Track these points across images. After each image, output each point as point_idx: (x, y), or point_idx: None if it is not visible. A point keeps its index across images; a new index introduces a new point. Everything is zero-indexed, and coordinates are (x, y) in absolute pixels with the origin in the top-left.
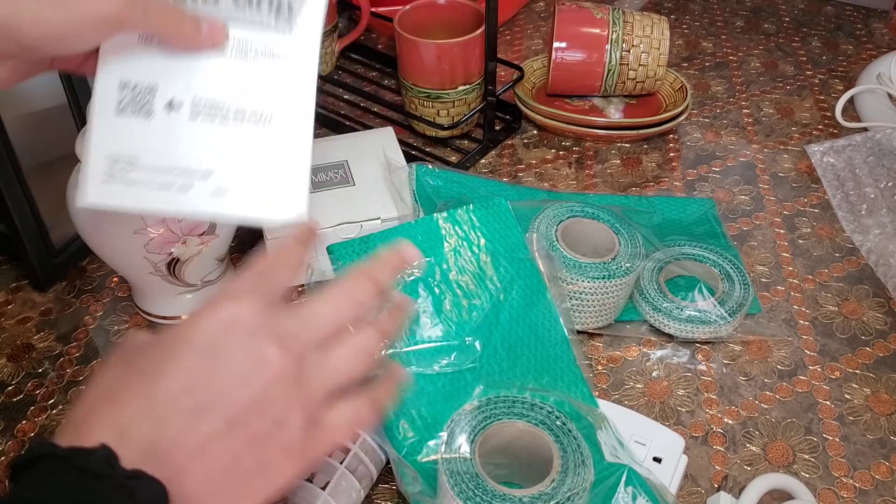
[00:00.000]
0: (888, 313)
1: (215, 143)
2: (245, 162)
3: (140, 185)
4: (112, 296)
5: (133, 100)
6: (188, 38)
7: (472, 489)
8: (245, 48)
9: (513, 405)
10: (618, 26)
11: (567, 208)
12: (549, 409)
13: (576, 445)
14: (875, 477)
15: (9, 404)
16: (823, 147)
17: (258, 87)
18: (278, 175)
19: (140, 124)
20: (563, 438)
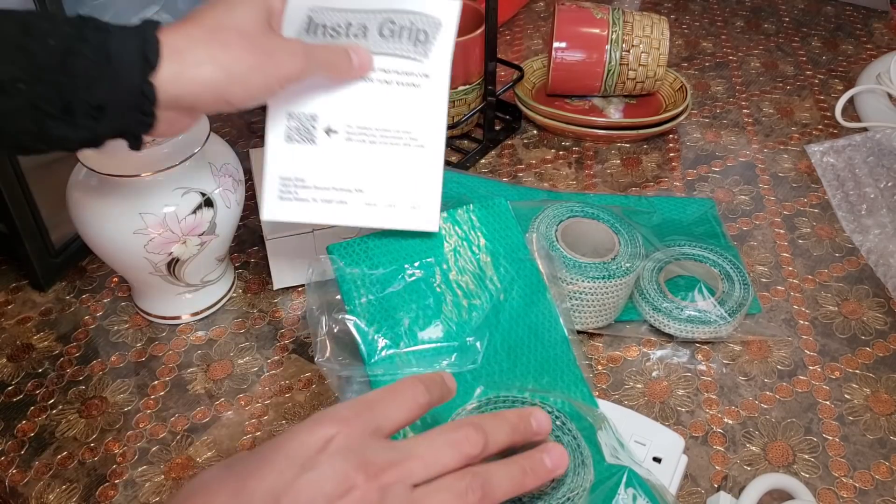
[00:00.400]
0: (888, 313)
1: (366, 162)
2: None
3: (307, 201)
4: (112, 296)
5: (298, 128)
6: (344, 71)
7: None
8: (388, 76)
9: (512, 405)
10: (618, 26)
11: (567, 208)
12: (549, 408)
13: (575, 445)
14: (875, 477)
15: (9, 404)
16: (823, 147)
17: (400, 111)
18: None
19: (305, 149)
20: (562, 438)
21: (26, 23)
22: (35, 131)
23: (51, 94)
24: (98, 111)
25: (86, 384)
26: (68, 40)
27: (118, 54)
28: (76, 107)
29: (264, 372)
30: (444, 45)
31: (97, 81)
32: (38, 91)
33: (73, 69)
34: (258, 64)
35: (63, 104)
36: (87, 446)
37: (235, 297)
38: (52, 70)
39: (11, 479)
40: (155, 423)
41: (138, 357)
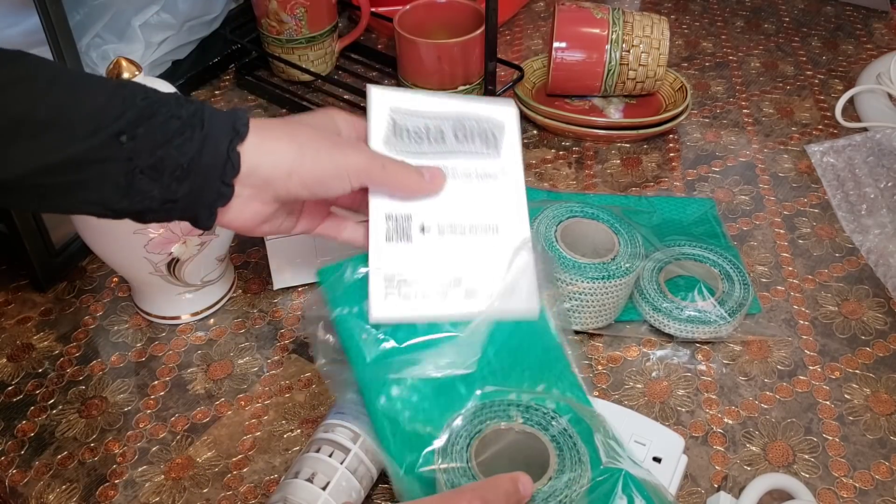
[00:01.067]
0: (888, 313)
1: (460, 254)
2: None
3: (411, 297)
4: (112, 296)
5: (396, 228)
6: (416, 189)
7: None
8: (468, 174)
9: (507, 408)
10: (618, 26)
11: (567, 208)
12: (545, 410)
13: (572, 444)
14: (875, 477)
15: (9, 404)
16: (823, 147)
17: (484, 204)
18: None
19: (403, 247)
20: (559, 439)
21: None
22: (123, 185)
23: (145, 149)
24: (184, 172)
25: (86, 384)
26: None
27: (211, 122)
28: (166, 164)
29: (264, 372)
30: (511, 142)
31: (189, 143)
32: (136, 145)
33: (170, 129)
34: (328, 148)
35: (154, 160)
36: (87, 446)
37: (235, 297)
38: (152, 128)
39: (11, 479)
40: (155, 423)
41: (138, 357)
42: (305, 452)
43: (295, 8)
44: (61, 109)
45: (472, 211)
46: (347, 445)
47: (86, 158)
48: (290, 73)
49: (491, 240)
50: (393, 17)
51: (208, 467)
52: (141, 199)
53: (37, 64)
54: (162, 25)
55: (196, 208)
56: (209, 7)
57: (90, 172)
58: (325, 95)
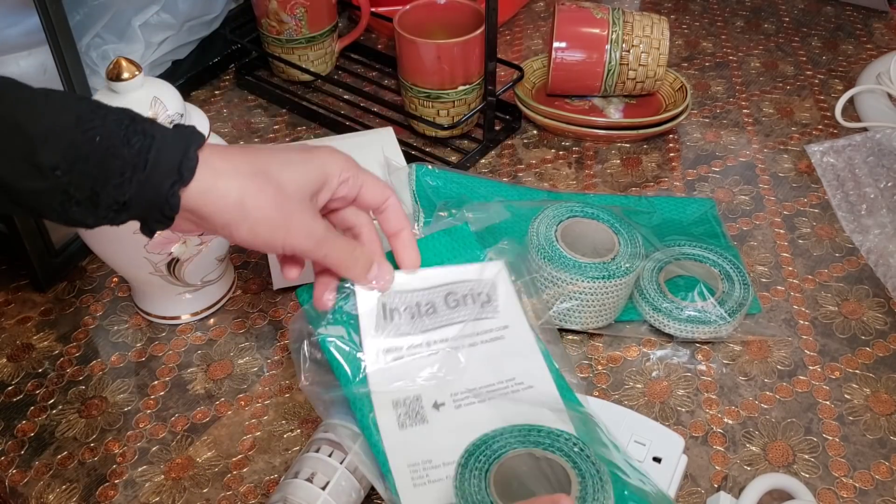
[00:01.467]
0: (888, 313)
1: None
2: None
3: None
4: (112, 296)
5: (408, 413)
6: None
7: None
8: (472, 339)
9: (528, 434)
10: (618, 26)
11: (567, 208)
12: (567, 436)
13: (595, 471)
14: (875, 477)
15: (9, 404)
16: (823, 147)
17: (496, 363)
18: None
19: (420, 430)
20: (581, 464)
21: (80, 115)
22: (58, 211)
23: (82, 184)
24: (122, 206)
25: (86, 384)
26: (113, 139)
27: (155, 164)
28: (102, 199)
29: (264, 372)
30: (507, 297)
31: (128, 183)
32: (72, 179)
33: (109, 168)
34: (274, 223)
35: (90, 194)
36: (87, 446)
37: (235, 297)
38: (90, 164)
39: (11, 479)
40: (155, 423)
41: (138, 357)
42: (305, 452)
43: (295, 8)
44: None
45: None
46: (347, 445)
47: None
48: (290, 73)
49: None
50: (393, 17)
51: (208, 467)
52: (77, 223)
53: None
54: (162, 25)
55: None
56: (209, 7)
57: (23, 195)
58: (325, 95)
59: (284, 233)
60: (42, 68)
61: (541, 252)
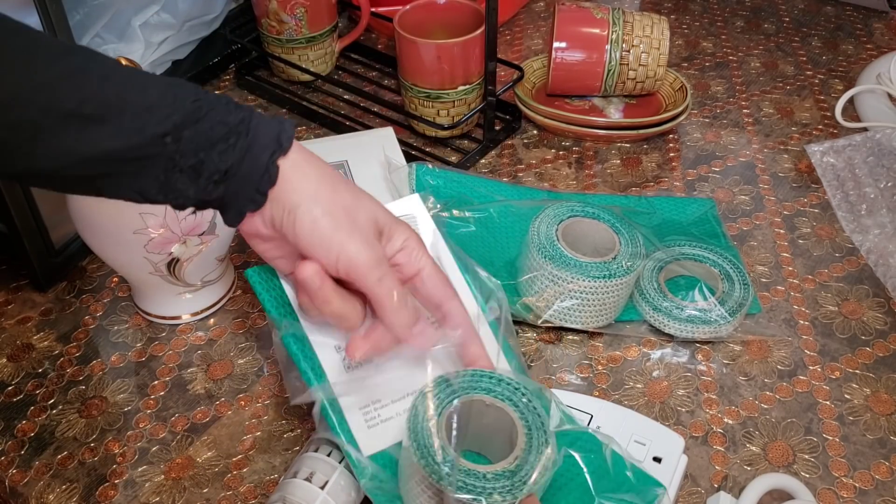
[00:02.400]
0: (888, 313)
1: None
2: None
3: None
4: (112, 296)
5: None
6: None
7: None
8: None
9: (479, 380)
10: (618, 26)
11: (567, 208)
12: (515, 385)
13: (539, 423)
14: (875, 477)
15: (9, 404)
16: (823, 147)
17: None
18: None
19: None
20: (528, 416)
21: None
22: (161, 181)
23: (189, 150)
24: (223, 176)
25: (86, 384)
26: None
27: (256, 131)
28: (206, 167)
29: (264, 372)
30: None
31: (231, 150)
32: (180, 147)
33: (215, 133)
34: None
35: (195, 162)
36: (87, 446)
37: (235, 297)
38: (198, 130)
39: (11, 479)
40: (155, 423)
41: (138, 357)
42: (304, 452)
43: (295, 8)
44: (110, 106)
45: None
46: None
47: (128, 155)
48: (290, 73)
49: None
50: (393, 17)
51: (208, 467)
52: (176, 195)
53: (91, 58)
54: (162, 25)
55: (227, 208)
56: (209, 7)
57: (130, 167)
58: (325, 95)
59: (346, 236)
60: None
61: (542, 251)
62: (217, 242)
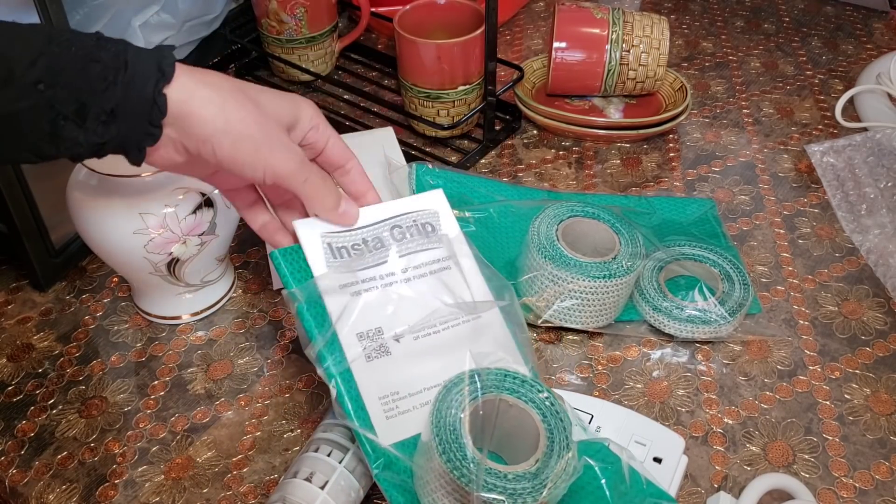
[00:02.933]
0: (888, 313)
1: (440, 352)
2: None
3: (409, 410)
4: (112, 296)
5: (372, 345)
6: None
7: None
8: (421, 270)
9: (504, 380)
10: (618, 26)
11: (568, 208)
12: (539, 387)
13: (562, 427)
14: (875, 477)
15: (9, 404)
16: (823, 147)
17: (445, 295)
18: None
19: (385, 363)
20: (550, 420)
21: (50, 33)
22: (48, 132)
23: (67, 96)
24: (110, 116)
25: (86, 384)
26: (89, 48)
27: (135, 64)
28: (90, 110)
29: (264, 372)
30: (449, 225)
31: (112, 86)
32: (56, 93)
33: (90, 74)
34: (256, 141)
35: (77, 106)
36: (87, 446)
37: (235, 297)
38: (71, 74)
39: (11, 479)
40: (155, 423)
41: (138, 357)
42: (304, 452)
43: (295, 8)
44: None
45: (436, 304)
46: (346, 444)
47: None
48: (290, 73)
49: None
50: (393, 17)
51: (208, 467)
52: (69, 145)
53: None
54: (162, 25)
55: (125, 147)
56: (209, 7)
57: (11, 122)
58: (325, 95)
59: (267, 152)
60: None
61: (542, 251)
62: (217, 242)
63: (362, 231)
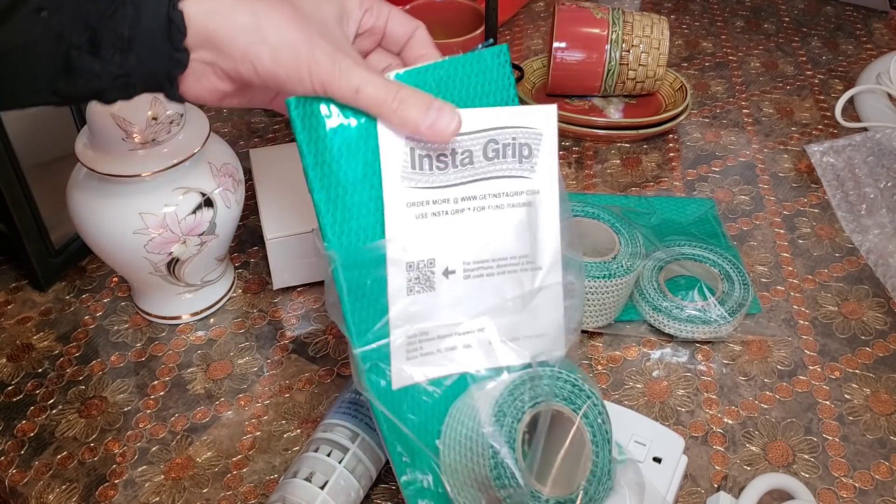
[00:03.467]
0: (888, 313)
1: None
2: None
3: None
4: (112, 296)
5: (419, 277)
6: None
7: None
8: (500, 200)
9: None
10: (618, 26)
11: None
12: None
13: (608, 449)
14: (875, 477)
15: (9, 404)
16: (823, 147)
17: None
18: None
19: (425, 298)
20: (598, 439)
21: None
22: (62, 66)
23: (74, 23)
24: (126, 43)
25: (86, 384)
26: None
27: None
28: (102, 37)
29: (264, 372)
30: (548, 155)
31: (121, 8)
32: (62, 20)
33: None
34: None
35: (89, 33)
36: (87, 446)
37: (235, 297)
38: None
39: (11, 479)
40: (155, 423)
41: (138, 357)
42: (304, 452)
43: None
44: None
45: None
46: (346, 444)
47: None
48: None
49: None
50: None
51: (208, 467)
52: (87, 78)
53: None
54: None
55: (155, 79)
56: None
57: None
58: None
59: (309, 56)
60: None
61: None
62: (217, 242)
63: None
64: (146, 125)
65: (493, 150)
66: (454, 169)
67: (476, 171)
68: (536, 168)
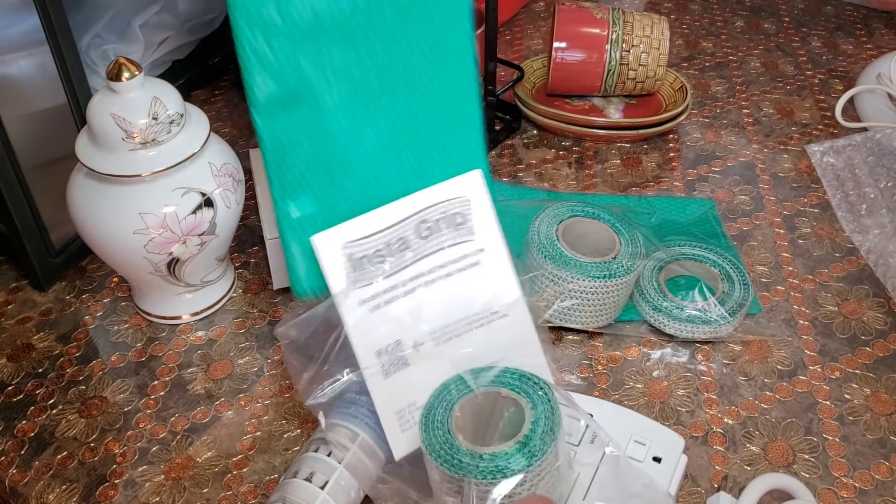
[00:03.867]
0: (888, 313)
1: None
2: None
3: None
4: (112, 296)
5: (390, 360)
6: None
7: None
8: (447, 269)
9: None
10: (618, 26)
11: (568, 208)
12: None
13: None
14: (875, 477)
15: (9, 404)
16: (823, 147)
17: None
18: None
19: (403, 375)
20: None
21: None
22: None
23: None
24: None
25: (86, 384)
26: None
27: None
28: None
29: (264, 372)
30: (482, 215)
31: None
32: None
33: None
34: None
35: None
36: (87, 446)
37: (235, 297)
38: None
39: (11, 479)
40: (155, 423)
41: (138, 357)
42: (304, 452)
43: None
44: None
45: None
46: (346, 444)
47: None
48: None
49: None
50: None
51: (208, 467)
52: None
53: None
54: (162, 25)
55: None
56: (209, 7)
57: None
58: None
59: None
60: (42, 68)
61: (542, 251)
62: (217, 242)
63: (385, 233)
64: (146, 125)
65: (427, 229)
66: (391, 258)
67: (415, 253)
68: (475, 229)
